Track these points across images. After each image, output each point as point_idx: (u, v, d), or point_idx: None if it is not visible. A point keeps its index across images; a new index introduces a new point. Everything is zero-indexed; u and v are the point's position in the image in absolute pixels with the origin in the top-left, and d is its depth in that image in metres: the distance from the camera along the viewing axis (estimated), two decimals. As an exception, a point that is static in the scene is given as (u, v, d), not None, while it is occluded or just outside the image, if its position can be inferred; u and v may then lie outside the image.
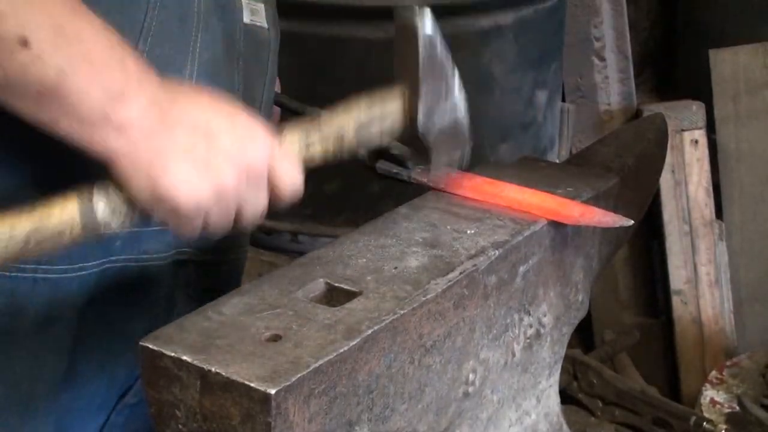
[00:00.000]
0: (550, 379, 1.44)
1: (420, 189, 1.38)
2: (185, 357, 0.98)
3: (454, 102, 1.30)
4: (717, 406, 2.54)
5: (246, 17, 1.35)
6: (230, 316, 1.04)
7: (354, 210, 2.43)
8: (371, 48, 2.37)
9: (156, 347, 0.99)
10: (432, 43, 1.25)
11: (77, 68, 1.02)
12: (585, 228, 1.38)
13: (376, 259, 1.17)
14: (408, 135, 1.29)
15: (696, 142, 3.13)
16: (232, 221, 1.14)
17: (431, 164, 1.33)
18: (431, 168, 1.33)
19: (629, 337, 2.96)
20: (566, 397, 2.54)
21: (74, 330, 1.25)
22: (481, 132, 2.54)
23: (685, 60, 3.42)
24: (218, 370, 0.96)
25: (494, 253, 1.21)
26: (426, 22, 1.25)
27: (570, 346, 1.49)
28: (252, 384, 0.94)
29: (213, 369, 0.96)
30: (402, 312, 1.07)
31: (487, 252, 1.21)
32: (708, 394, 2.58)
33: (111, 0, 1.17)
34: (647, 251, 3.22)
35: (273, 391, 0.93)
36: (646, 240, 3.17)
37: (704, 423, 2.36)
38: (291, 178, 1.16)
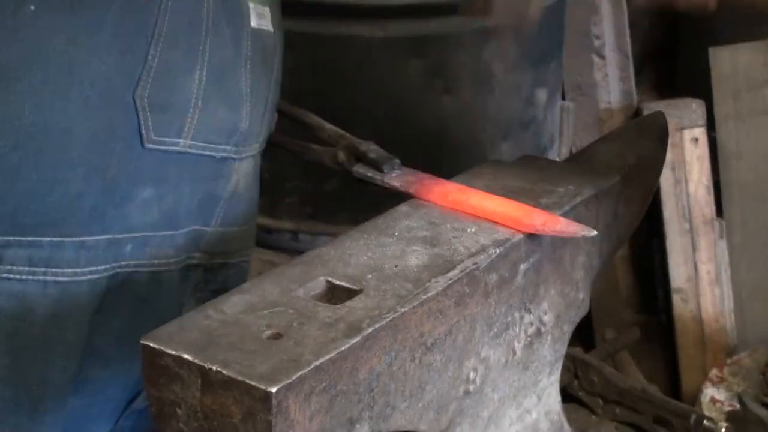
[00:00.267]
0: (551, 378, 1.44)
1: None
2: (186, 355, 0.98)
3: None
4: (717, 404, 2.54)
5: (253, 21, 1.36)
6: (231, 315, 1.04)
7: (354, 208, 2.42)
8: (372, 47, 2.37)
9: (157, 345, 0.99)
10: None
11: None
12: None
13: (377, 258, 1.17)
14: None
15: (696, 140, 3.13)
16: None
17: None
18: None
19: (630, 336, 2.96)
20: (567, 396, 2.53)
21: (84, 335, 1.25)
22: (482, 130, 2.55)
23: (686, 58, 3.41)
24: (219, 369, 0.96)
25: (495, 251, 1.21)
26: None
27: (571, 345, 1.49)
28: (253, 382, 0.94)
29: (214, 367, 0.96)
30: (403, 310, 1.08)
31: (488, 250, 1.21)
32: (708, 393, 2.58)
33: (122, 6, 1.17)
34: (648, 249, 3.21)
35: (274, 389, 0.93)
36: (647, 238, 3.17)
37: (705, 421, 2.35)
38: None
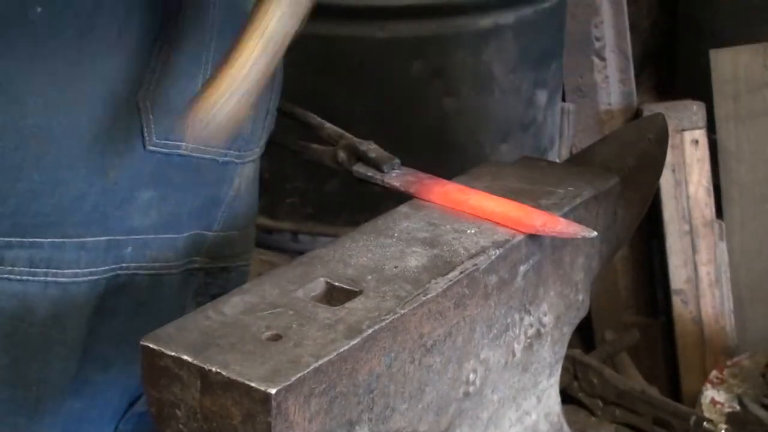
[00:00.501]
0: (551, 379, 1.44)
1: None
2: (186, 356, 0.98)
3: None
4: (717, 406, 2.54)
5: None
6: (231, 316, 1.04)
7: (354, 209, 2.43)
8: (371, 48, 2.37)
9: (156, 347, 0.99)
10: None
11: None
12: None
13: (377, 259, 1.17)
14: None
15: (696, 142, 3.13)
16: None
17: None
18: None
19: (630, 337, 2.96)
20: (566, 397, 2.53)
21: (84, 336, 1.25)
22: (482, 131, 2.55)
23: (686, 60, 3.42)
24: (219, 370, 0.96)
25: (495, 253, 1.21)
26: None
27: (570, 346, 1.49)
28: (252, 383, 0.94)
29: (213, 368, 0.96)
30: (402, 311, 1.07)
31: (488, 251, 1.21)
32: (708, 394, 2.58)
33: (128, 9, 1.17)
34: (647, 251, 3.21)
35: (273, 391, 0.93)
36: (647, 240, 3.17)
37: (705, 423, 2.36)
38: None
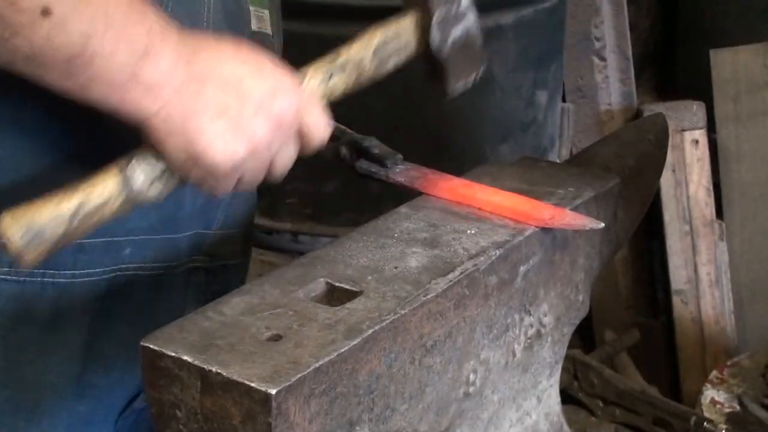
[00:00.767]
0: (551, 379, 1.44)
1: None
2: (186, 357, 0.97)
3: (466, 13, 1.29)
4: (717, 406, 2.54)
5: (254, 25, 1.35)
6: (231, 316, 1.04)
7: (354, 210, 2.43)
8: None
9: (157, 347, 0.99)
10: None
11: (100, 30, 1.01)
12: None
13: (377, 259, 1.17)
14: (423, 53, 1.27)
15: (696, 142, 3.13)
16: (264, 175, 1.13)
17: (447, 83, 1.31)
18: (447, 88, 1.31)
19: (630, 337, 2.96)
20: (567, 397, 2.53)
21: (84, 338, 1.25)
22: (482, 132, 2.55)
23: (686, 60, 3.42)
24: (219, 370, 0.96)
25: (495, 253, 1.21)
26: None
27: (570, 346, 1.49)
28: (252, 384, 0.94)
29: (213, 369, 0.96)
30: (403, 312, 1.07)
31: (488, 252, 1.21)
32: (708, 394, 2.58)
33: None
34: (648, 251, 3.22)
35: (274, 391, 0.93)
36: (647, 240, 3.17)
37: (705, 423, 2.36)
38: (319, 125, 1.15)
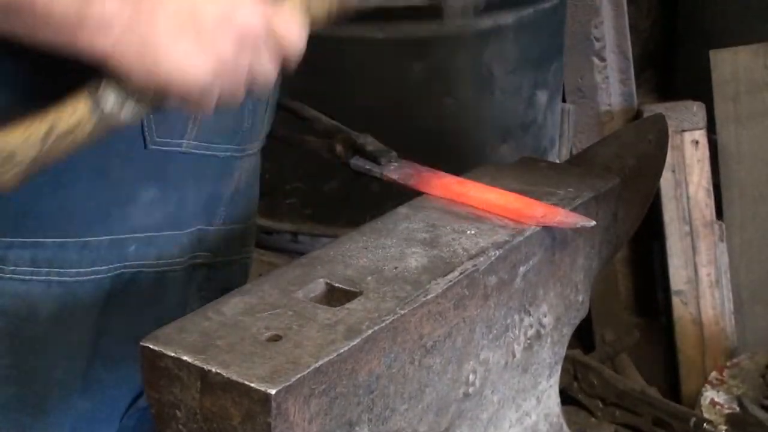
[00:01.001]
0: (551, 380, 1.44)
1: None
2: (185, 357, 0.97)
3: None
4: (717, 407, 2.54)
5: None
6: (230, 316, 1.04)
7: (354, 210, 2.43)
8: (372, 49, 2.37)
9: (156, 347, 0.99)
10: None
11: None
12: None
13: (377, 260, 1.17)
14: None
15: (696, 143, 3.13)
16: (245, 90, 1.12)
17: (445, 6, 1.28)
18: (445, 12, 1.28)
19: (629, 338, 2.97)
20: (566, 398, 2.54)
21: (89, 335, 1.25)
22: (482, 132, 2.55)
23: (686, 60, 3.42)
24: (218, 371, 0.96)
25: (494, 254, 1.21)
26: None
27: (570, 347, 1.49)
28: (252, 384, 0.94)
29: (213, 369, 0.96)
30: (402, 312, 1.07)
31: (488, 252, 1.21)
32: (708, 395, 2.58)
33: None
34: (648, 252, 3.21)
35: (273, 392, 0.93)
36: (647, 240, 3.17)
37: (704, 424, 2.36)
38: (292, 33, 1.13)
